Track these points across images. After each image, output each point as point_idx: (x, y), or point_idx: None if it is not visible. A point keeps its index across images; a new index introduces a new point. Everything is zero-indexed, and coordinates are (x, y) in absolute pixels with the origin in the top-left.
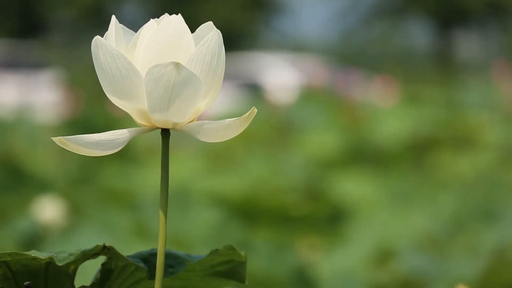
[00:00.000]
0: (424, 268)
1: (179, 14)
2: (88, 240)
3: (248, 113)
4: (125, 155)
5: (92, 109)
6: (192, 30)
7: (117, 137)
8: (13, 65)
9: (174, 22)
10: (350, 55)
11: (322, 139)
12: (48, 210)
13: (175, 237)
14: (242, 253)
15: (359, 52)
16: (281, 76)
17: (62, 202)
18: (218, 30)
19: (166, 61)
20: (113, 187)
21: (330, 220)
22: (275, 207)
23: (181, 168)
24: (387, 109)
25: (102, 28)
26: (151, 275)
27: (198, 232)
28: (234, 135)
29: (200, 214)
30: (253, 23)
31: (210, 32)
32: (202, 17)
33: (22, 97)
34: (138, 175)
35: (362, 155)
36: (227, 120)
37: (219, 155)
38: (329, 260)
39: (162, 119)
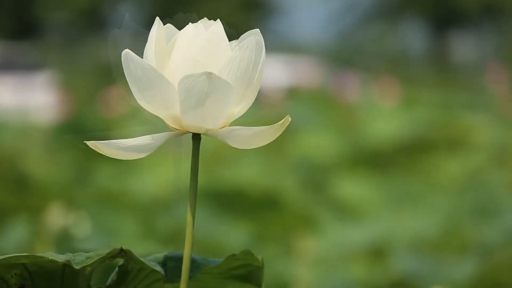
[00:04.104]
0: (418, 269)
1: (218, 20)
2: (85, 240)
3: (282, 121)
4: None
5: (86, 111)
6: None
7: (150, 142)
8: (9, 66)
9: (212, 27)
10: (346, 56)
11: (317, 140)
12: (59, 217)
13: (169, 235)
14: (259, 257)
15: (355, 54)
16: (276, 77)
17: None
18: (258, 36)
19: (202, 67)
20: (109, 189)
21: (326, 221)
22: (271, 208)
23: (175, 169)
24: (383, 110)
25: (97, 30)
26: (168, 278)
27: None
28: (266, 143)
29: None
30: (249, 24)
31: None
32: (198, 18)
33: (17, 98)
34: (134, 177)
35: (357, 156)
36: (260, 127)
37: (212, 156)
38: (326, 260)
39: (195, 125)
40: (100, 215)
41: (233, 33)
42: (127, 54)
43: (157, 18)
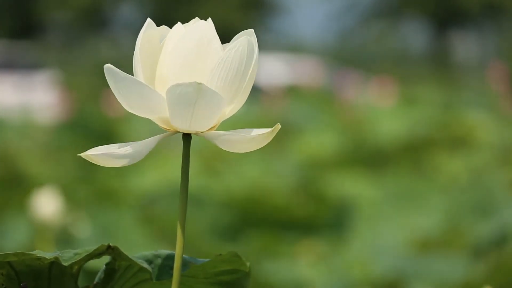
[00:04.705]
0: (420, 267)
1: (209, 19)
2: (86, 239)
3: (272, 128)
4: None
5: (87, 110)
6: None
7: (141, 147)
8: (9, 66)
9: (202, 27)
10: (347, 56)
11: (318, 139)
12: (47, 205)
13: (168, 234)
14: (247, 263)
15: (356, 53)
16: (277, 76)
17: (61, 198)
18: (250, 37)
19: (192, 68)
20: (110, 187)
21: (326, 220)
22: (271, 209)
23: (175, 168)
24: (384, 109)
25: (98, 29)
26: (155, 276)
27: (193, 232)
28: (256, 148)
29: (194, 214)
30: (250, 24)
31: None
32: (199, 17)
33: (18, 97)
34: (136, 175)
35: (358, 156)
36: (251, 133)
37: (213, 156)
38: (326, 260)
39: (184, 128)
40: (101, 213)
41: (232, 33)
42: (109, 69)
43: (148, 20)
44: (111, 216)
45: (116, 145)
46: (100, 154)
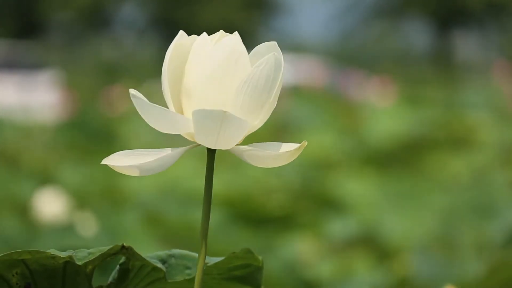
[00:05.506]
0: (422, 267)
1: (236, 32)
2: (88, 238)
3: (299, 145)
4: None
5: (89, 109)
6: (191, 31)
7: (166, 159)
8: (12, 65)
9: (231, 42)
10: (349, 55)
11: (319, 139)
12: (49, 205)
13: (169, 233)
14: (260, 258)
15: (358, 53)
16: None
17: (63, 197)
18: (277, 53)
19: (219, 85)
20: (112, 186)
21: (328, 220)
22: (272, 208)
23: (176, 167)
24: (385, 109)
25: (100, 29)
26: (169, 276)
27: (194, 230)
28: (282, 164)
29: (196, 214)
30: (252, 23)
31: (269, 52)
32: (201, 17)
33: (20, 97)
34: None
35: (359, 155)
36: (277, 149)
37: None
38: (327, 260)
39: (210, 146)
40: (104, 213)
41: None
42: (135, 96)
43: (181, 32)
44: (113, 215)
45: (139, 154)
46: (126, 167)
